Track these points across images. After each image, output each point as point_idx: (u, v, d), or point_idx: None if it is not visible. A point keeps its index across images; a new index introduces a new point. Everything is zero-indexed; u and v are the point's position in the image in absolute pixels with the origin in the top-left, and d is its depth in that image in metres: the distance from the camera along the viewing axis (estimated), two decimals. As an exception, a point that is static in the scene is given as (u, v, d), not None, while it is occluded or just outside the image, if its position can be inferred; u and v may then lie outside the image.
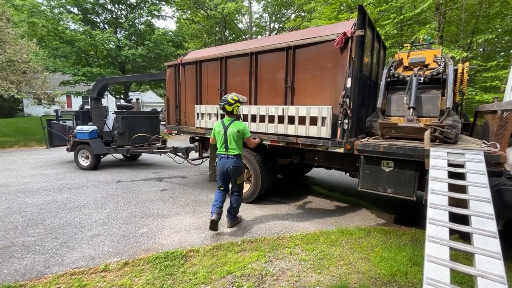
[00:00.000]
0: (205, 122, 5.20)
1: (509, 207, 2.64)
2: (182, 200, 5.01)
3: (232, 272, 2.76)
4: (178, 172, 7.44)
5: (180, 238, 3.51)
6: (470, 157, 2.69)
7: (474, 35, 10.48)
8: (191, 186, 6.02)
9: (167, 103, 6.14)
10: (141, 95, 31.78)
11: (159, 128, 8.30)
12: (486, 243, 1.93)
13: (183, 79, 5.70)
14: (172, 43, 18.20)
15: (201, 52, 6.03)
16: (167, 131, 6.59)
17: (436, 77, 3.61)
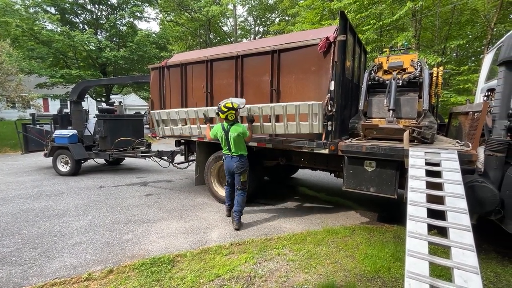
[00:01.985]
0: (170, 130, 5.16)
1: (481, 203, 2.81)
2: (168, 205, 4.93)
3: (220, 275, 2.76)
4: (164, 176, 7.30)
5: (167, 243, 3.45)
6: (445, 156, 2.85)
7: (448, 41, 11.10)
8: (177, 190, 5.93)
9: (151, 106, 6.04)
10: (124, 98, 30.92)
11: (143, 131, 8.12)
12: (461, 236, 2.06)
13: (168, 82, 5.63)
14: (155, 45, 17.87)
15: (186, 55, 5.99)
16: (151, 135, 6.46)
17: (413, 81, 3.80)
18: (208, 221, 4.17)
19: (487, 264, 2.94)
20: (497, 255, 3.15)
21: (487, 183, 2.85)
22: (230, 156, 3.86)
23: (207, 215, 4.44)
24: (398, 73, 4.03)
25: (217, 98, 4.89)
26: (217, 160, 4.99)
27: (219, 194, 5.05)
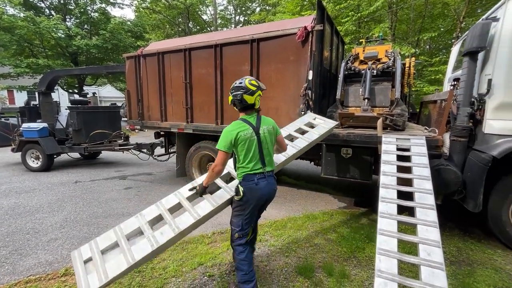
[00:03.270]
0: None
1: (446, 184, 3.05)
2: (149, 197, 4.85)
3: (203, 263, 2.80)
4: (144, 169, 7.14)
5: (148, 235, 3.42)
6: (415, 142, 3.04)
7: (421, 33, 11.56)
8: (158, 182, 5.84)
9: (128, 97, 5.82)
10: (98, 89, 29.45)
11: (120, 124, 7.84)
12: (426, 214, 2.23)
13: (145, 71, 5.44)
14: (131, 33, 17.02)
15: (163, 43, 5.79)
16: (129, 127, 6.27)
17: (387, 70, 3.96)
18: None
19: (450, 240, 3.20)
20: (460, 232, 3.44)
21: (451, 166, 3.08)
22: (263, 176, 2.11)
23: (189, 206, 4.42)
24: (373, 63, 4.17)
25: (197, 88, 4.82)
26: (198, 151, 4.96)
27: (201, 185, 5.04)
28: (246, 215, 2.12)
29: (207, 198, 2.30)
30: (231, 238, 2.27)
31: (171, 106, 5.21)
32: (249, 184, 2.08)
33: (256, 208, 2.14)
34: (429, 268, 1.86)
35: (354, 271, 2.64)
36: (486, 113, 2.95)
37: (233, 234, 2.21)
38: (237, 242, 2.17)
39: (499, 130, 2.87)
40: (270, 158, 2.20)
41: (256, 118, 2.16)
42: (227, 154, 2.06)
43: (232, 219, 2.23)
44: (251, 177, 2.08)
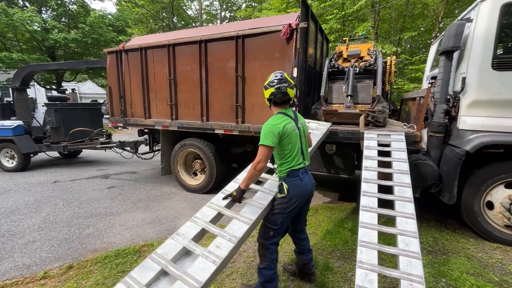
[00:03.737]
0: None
1: (423, 178, 3.19)
2: (133, 196, 4.75)
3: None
4: (127, 167, 6.97)
5: (132, 234, 3.36)
6: (395, 137, 3.15)
7: (402, 32, 11.92)
8: (143, 181, 5.72)
9: (109, 93, 5.64)
10: (79, 85, 28.30)
11: (101, 121, 7.59)
12: (404, 207, 2.32)
13: (127, 67, 5.29)
14: (112, 27, 16.42)
15: (146, 38, 5.64)
16: (111, 125, 6.08)
17: (369, 68, 4.06)
18: (176, 210, 4.12)
19: (427, 231, 3.36)
20: (436, 223, 3.61)
21: (428, 160, 3.23)
22: (305, 170, 2.13)
23: (174, 204, 4.38)
24: (356, 61, 4.27)
25: (181, 85, 4.75)
26: (183, 149, 4.90)
27: (187, 183, 5.00)
28: (286, 213, 2.06)
29: (248, 203, 2.14)
30: (263, 236, 2.12)
31: (155, 103, 5.10)
32: (295, 180, 2.04)
33: (299, 205, 2.11)
34: (407, 258, 1.95)
35: (338, 263, 2.72)
36: (460, 110, 3.11)
37: (267, 232, 2.10)
38: (271, 240, 2.09)
39: (472, 126, 3.03)
40: (307, 152, 2.22)
41: (294, 113, 2.16)
42: (272, 149, 1.96)
43: (270, 217, 2.10)
44: (295, 173, 2.05)
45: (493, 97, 2.90)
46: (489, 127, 2.94)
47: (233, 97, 4.22)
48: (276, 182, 2.27)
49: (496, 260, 2.74)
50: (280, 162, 2.09)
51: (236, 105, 4.22)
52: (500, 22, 2.83)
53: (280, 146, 2.01)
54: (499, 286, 2.34)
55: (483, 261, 2.73)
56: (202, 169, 4.97)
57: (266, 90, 2.10)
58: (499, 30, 2.85)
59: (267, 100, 2.15)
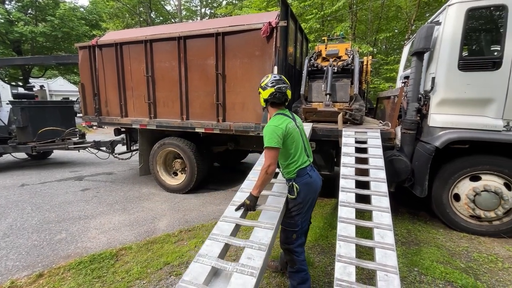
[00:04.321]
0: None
1: (397, 173, 3.34)
2: (110, 198, 4.56)
3: (169, 262, 2.72)
4: (103, 168, 6.67)
5: (109, 238, 3.23)
6: (371, 135, 3.27)
7: (378, 33, 12.39)
8: (120, 182, 5.51)
9: (82, 91, 5.35)
10: (48, 82, 26.63)
11: (74, 120, 7.19)
12: (380, 201, 2.42)
13: (101, 63, 5.04)
14: (85, 21, 15.58)
15: (121, 34, 5.41)
16: (85, 124, 5.78)
17: (346, 68, 4.18)
18: (155, 211, 4.01)
19: (401, 223, 3.54)
20: (409, 216, 3.81)
21: (402, 156, 3.39)
22: (311, 167, 2.14)
23: (154, 205, 4.26)
24: (334, 61, 4.37)
25: (160, 82, 4.61)
26: (163, 148, 4.77)
27: (167, 183, 4.88)
28: (304, 213, 2.05)
29: (264, 209, 2.10)
30: (286, 241, 2.08)
31: (131, 100, 4.91)
32: (305, 179, 2.03)
33: (313, 202, 2.11)
34: (382, 250, 2.03)
35: (318, 258, 2.79)
36: (430, 108, 3.29)
37: (289, 236, 2.06)
38: (296, 243, 2.06)
39: (441, 123, 3.22)
40: (309, 148, 2.21)
41: (291, 113, 2.16)
42: (278, 150, 1.93)
43: (288, 220, 2.07)
44: (304, 171, 2.04)
45: (459, 96, 3.10)
46: (456, 124, 3.14)
47: (214, 95, 4.16)
48: (283, 184, 2.27)
49: (462, 248, 2.94)
50: (286, 163, 2.05)
51: (217, 103, 4.17)
52: (465, 25, 3.03)
53: (284, 147, 1.98)
54: (465, 272, 2.51)
55: (451, 249, 2.92)
56: (183, 169, 4.87)
57: (264, 91, 2.05)
58: (464, 33, 3.04)
59: (264, 101, 2.09)
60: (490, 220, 3.15)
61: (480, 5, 3.01)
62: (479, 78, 3.02)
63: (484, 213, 3.12)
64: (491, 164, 3.06)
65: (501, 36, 2.92)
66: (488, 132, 2.99)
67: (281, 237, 2.13)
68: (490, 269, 2.58)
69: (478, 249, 2.92)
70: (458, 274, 2.45)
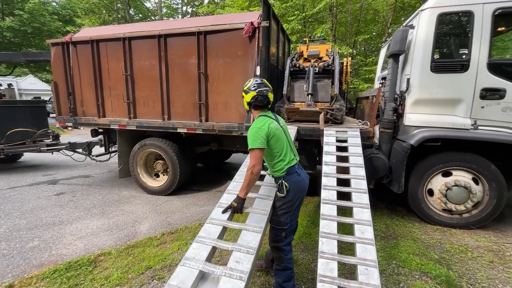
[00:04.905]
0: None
1: (376, 170, 3.47)
2: (87, 202, 4.36)
3: (151, 266, 2.65)
4: (79, 171, 6.37)
5: (86, 244, 3.09)
6: (351, 134, 3.37)
7: (357, 35, 12.80)
8: (98, 185, 5.28)
9: (55, 89, 5.08)
10: (17, 80, 25.02)
11: (47, 120, 6.80)
12: (360, 198, 2.50)
13: (76, 60, 4.81)
14: (58, 16, 14.78)
15: (98, 30, 5.20)
16: (59, 124, 5.48)
17: (327, 68, 4.28)
18: (136, 214, 3.89)
19: (380, 218, 3.68)
20: (388, 211, 3.97)
21: (380, 154, 3.52)
22: (299, 165, 2.21)
23: (134, 208, 4.13)
24: (316, 61, 4.46)
25: (140, 81, 4.48)
26: (143, 149, 4.63)
27: (148, 185, 4.75)
28: (293, 211, 2.10)
29: (251, 211, 2.12)
30: (275, 239, 2.11)
31: (109, 100, 4.72)
32: (294, 177, 2.08)
33: (301, 200, 2.16)
34: (362, 245, 2.10)
35: (302, 255, 2.83)
36: (405, 107, 3.44)
37: (279, 234, 2.09)
38: (285, 241, 2.10)
39: (416, 122, 3.38)
40: (294, 148, 2.28)
41: (275, 115, 2.23)
42: (263, 151, 1.99)
43: (277, 219, 2.10)
44: (293, 169, 2.09)
45: (432, 96, 3.27)
46: (429, 123, 3.31)
47: (196, 94, 4.11)
48: (270, 187, 2.33)
49: (436, 240, 3.11)
50: (273, 162, 2.11)
51: (199, 103, 4.12)
52: (436, 29, 3.20)
53: (269, 147, 2.04)
54: (439, 263, 2.66)
55: (426, 242, 3.08)
56: (165, 170, 4.76)
57: (247, 94, 2.11)
58: (436, 37, 3.21)
59: (247, 104, 2.16)
60: (460, 213, 3.36)
61: (449, 10, 3.20)
62: (449, 80, 3.21)
63: (455, 206, 3.31)
64: (461, 160, 3.26)
65: (468, 40, 3.12)
66: (458, 131, 3.18)
67: (270, 236, 2.16)
68: (460, 259, 2.75)
69: (450, 241, 3.10)
70: (432, 265, 2.58)
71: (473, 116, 3.15)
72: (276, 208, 2.12)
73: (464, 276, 2.48)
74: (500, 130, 3.09)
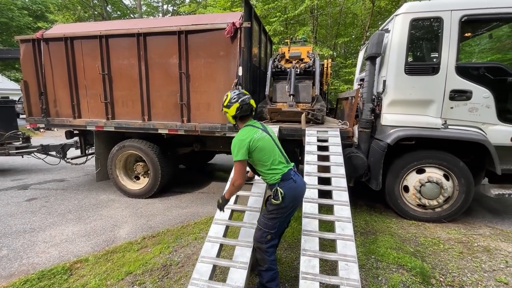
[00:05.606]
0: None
1: (355, 169, 3.59)
2: (61, 207, 4.15)
3: (131, 271, 2.57)
4: (53, 175, 6.04)
5: (61, 251, 2.94)
6: (331, 133, 3.47)
7: (337, 38, 13.16)
8: (73, 189, 5.04)
9: (25, 89, 4.79)
10: (-18, 79, 23.25)
11: (16, 122, 6.39)
12: (340, 195, 2.58)
13: (48, 59, 4.57)
14: (28, 11, 13.96)
15: (73, 27, 4.97)
16: (30, 126, 5.17)
17: (308, 70, 4.37)
18: (115, 219, 3.76)
19: (360, 215, 3.80)
20: (367, 208, 4.11)
21: (359, 153, 3.64)
22: (295, 171, 2.14)
23: (113, 212, 3.99)
24: (297, 63, 4.54)
25: (118, 81, 4.34)
26: (123, 151, 4.48)
27: (128, 187, 4.60)
28: (284, 217, 2.05)
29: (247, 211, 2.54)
30: (260, 240, 2.06)
31: (85, 100, 4.53)
32: (289, 183, 2.01)
33: (296, 208, 2.09)
34: (343, 241, 2.18)
35: (285, 254, 2.87)
36: (382, 108, 3.59)
37: (264, 236, 2.05)
38: (269, 243, 2.06)
39: (392, 122, 3.54)
40: (285, 154, 2.20)
41: (261, 123, 2.21)
42: (245, 162, 2.03)
43: (265, 221, 2.05)
44: (288, 176, 2.03)
45: (406, 97, 3.44)
46: (404, 123, 3.48)
47: (177, 95, 4.04)
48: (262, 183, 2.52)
49: (411, 234, 3.27)
50: (266, 170, 2.05)
51: (181, 103, 4.05)
52: (409, 34, 3.37)
53: (254, 156, 2.03)
54: (414, 256, 2.79)
55: (402, 236, 3.23)
56: (145, 172, 4.64)
57: (229, 108, 2.10)
58: (409, 41, 3.38)
59: (232, 118, 2.14)
60: (433, 207, 3.55)
61: (421, 16, 3.38)
62: (421, 82, 3.38)
63: (428, 201, 3.50)
64: (433, 158, 3.45)
65: (439, 44, 3.31)
66: (430, 130, 3.37)
67: (256, 235, 2.12)
68: (434, 251, 2.91)
69: (424, 234, 3.27)
70: (408, 258, 2.71)
71: (444, 116, 3.34)
72: (267, 210, 2.07)
73: (437, 267, 2.63)
74: (467, 129, 3.30)
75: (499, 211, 4.03)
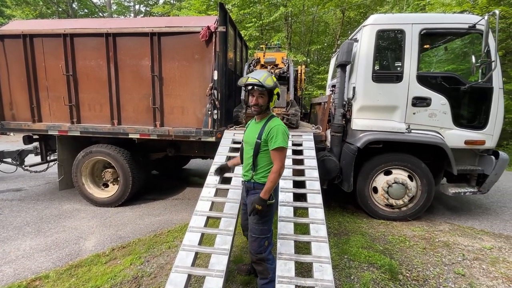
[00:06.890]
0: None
1: (328, 171, 3.71)
2: (18, 220, 3.78)
3: (99, 286, 2.41)
4: (8, 184, 5.49)
5: (16, 269, 2.67)
6: (305, 137, 3.56)
7: (310, 45, 13.63)
8: (32, 200, 4.62)
9: (-25, 89, 4.33)
10: None
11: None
12: (314, 198, 2.65)
13: (3, 57, 4.18)
14: (-21, 4, 12.69)
15: (32, 24, 4.61)
16: (-20, 130, 4.66)
17: (283, 75, 4.46)
18: (80, 230, 3.50)
19: (333, 216, 3.93)
20: (340, 209, 4.26)
21: (332, 156, 3.77)
22: None
23: (79, 223, 3.71)
24: (272, 68, 4.62)
25: (84, 83, 4.10)
26: (90, 157, 4.21)
27: (95, 196, 4.32)
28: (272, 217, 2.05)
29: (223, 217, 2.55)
30: (259, 251, 1.95)
31: (47, 103, 4.20)
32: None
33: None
34: (317, 243, 2.23)
35: (261, 258, 2.86)
36: (352, 113, 3.77)
37: (262, 244, 1.95)
38: (268, 249, 1.99)
39: (361, 126, 3.72)
40: None
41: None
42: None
43: (260, 228, 1.95)
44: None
45: (374, 103, 3.64)
46: (372, 127, 3.67)
47: (150, 98, 3.90)
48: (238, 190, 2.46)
49: (380, 233, 3.44)
50: (269, 168, 1.94)
51: (154, 107, 3.92)
52: (376, 44, 3.59)
53: None
54: (383, 254, 2.94)
55: (372, 235, 3.38)
56: (115, 179, 4.39)
57: (275, 90, 1.94)
58: (375, 50, 3.59)
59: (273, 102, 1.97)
60: (399, 207, 3.77)
61: (386, 27, 3.62)
62: (387, 89, 3.61)
63: (395, 201, 3.72)
64: (398, 160, 3.68)
65: (402, 54, 3.56)
66: (395, 134, 3.60)
67: (253, 248, 2.00)
68: (400, 248, 3.08)
69: (392, 233, 3.46)
70: (378, 256, 2.85)
71: (407, 121, 3.59)
72: (260, 217, 1.95)
73: (404, 263, 2.79)
74: (427, 133, 3.58)
75: (456, 208, 4.39)
